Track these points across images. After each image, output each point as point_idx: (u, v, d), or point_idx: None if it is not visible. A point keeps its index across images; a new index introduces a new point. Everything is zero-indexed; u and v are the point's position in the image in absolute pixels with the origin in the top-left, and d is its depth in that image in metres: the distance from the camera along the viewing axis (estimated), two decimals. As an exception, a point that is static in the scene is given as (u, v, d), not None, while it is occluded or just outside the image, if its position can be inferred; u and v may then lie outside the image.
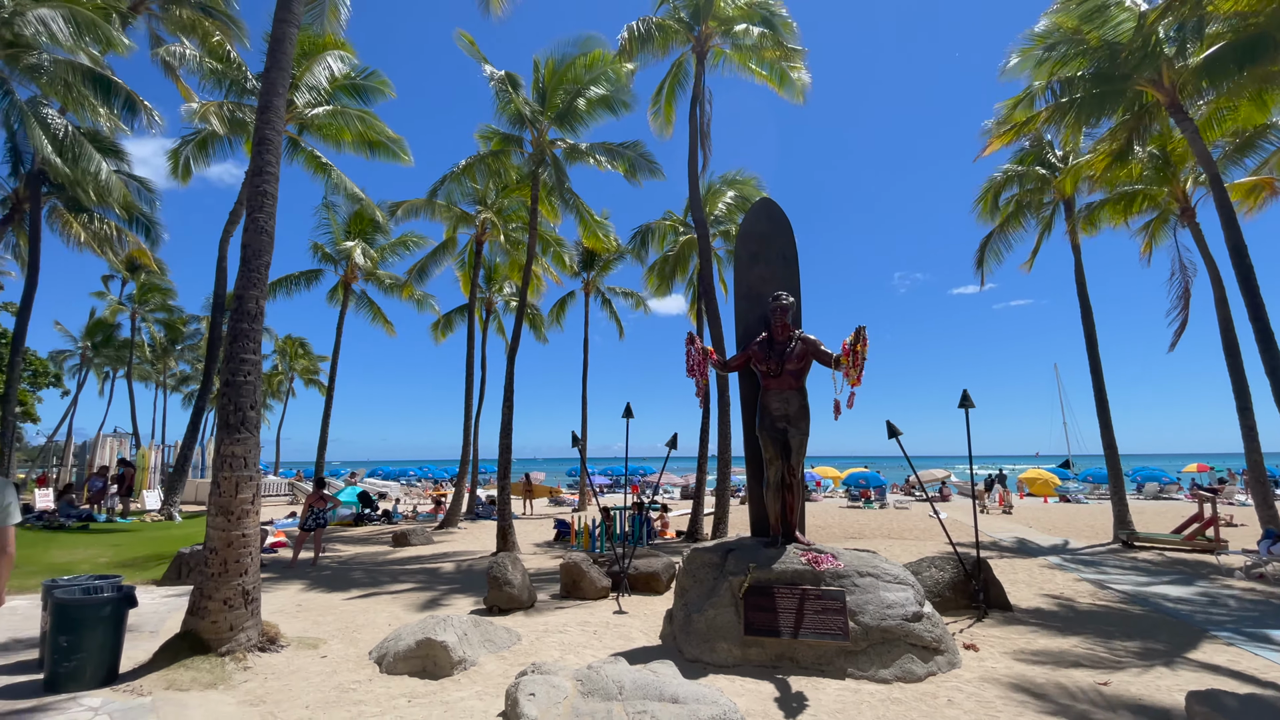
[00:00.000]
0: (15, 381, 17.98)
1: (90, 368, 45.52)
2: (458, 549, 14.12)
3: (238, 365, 5.63)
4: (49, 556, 10.49)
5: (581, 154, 16.14)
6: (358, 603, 8.37)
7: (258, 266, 5.86)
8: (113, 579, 5.56)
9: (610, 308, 28.12)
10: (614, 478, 45.87)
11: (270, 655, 5.62)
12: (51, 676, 4.68)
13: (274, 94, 6.23)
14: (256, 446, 5.71)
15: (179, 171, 18.33)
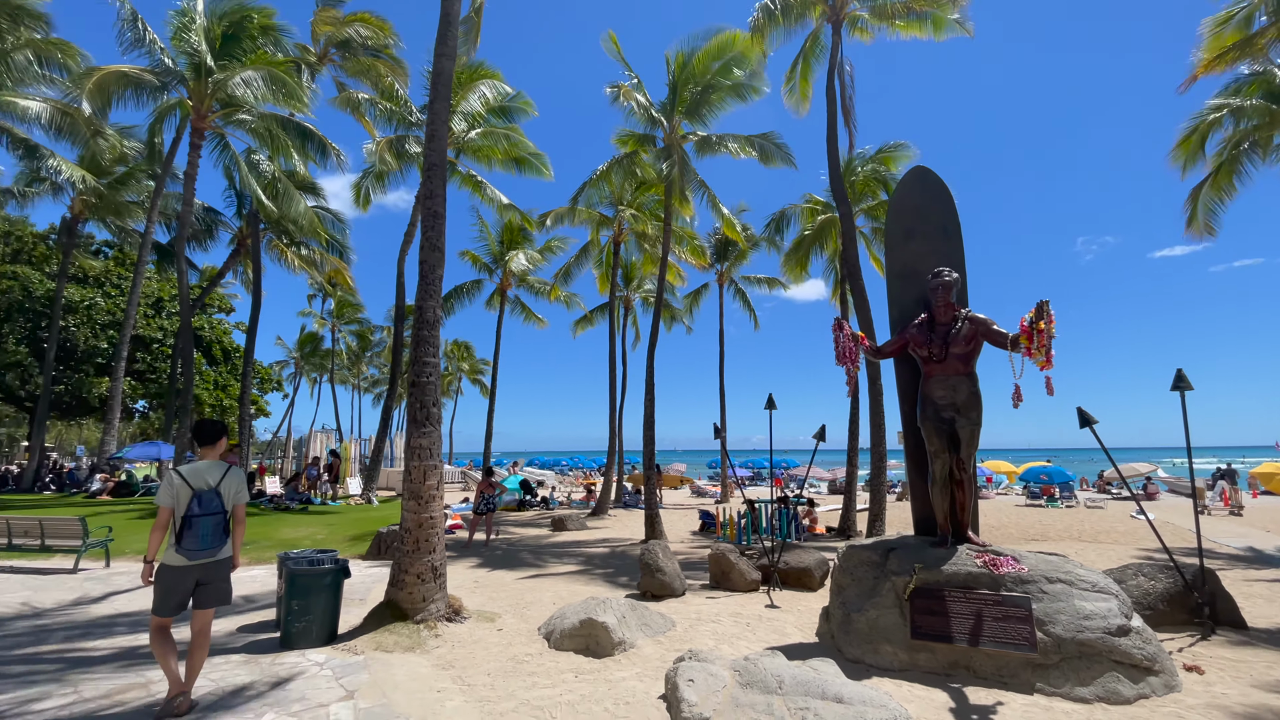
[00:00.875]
0: (248, 388, 21.83)
1: (302, 374, 53.99)
2: (609, 535, 14.76)
3: (421, 368, 6.36)
4: (279, 533, 12.60)
5: (713, 145, 16.03)
6: (526, 581, 9.08)
7: (433, 279, 6.56)
8: (330, 553, 6.55)
9: (744, 298, 27.71)
10: (755, 470, 45.18)
11: (456, 625, 6.29)
12: (286, 634, 5.62)
13: (438, 123, 6.92)
14: (439, 439, 6.41)
15: (361, 201, 21.03)
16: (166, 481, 4.22)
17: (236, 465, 4.55)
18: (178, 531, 4.11)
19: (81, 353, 25.87)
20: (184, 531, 4.09)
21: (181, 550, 4.09)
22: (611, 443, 20.85)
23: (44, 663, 5.19)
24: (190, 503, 4.14)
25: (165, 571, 4.13)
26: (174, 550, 4.12)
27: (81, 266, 27.12)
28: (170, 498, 4.14)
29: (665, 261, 16.00)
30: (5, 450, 40.20)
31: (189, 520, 4.10)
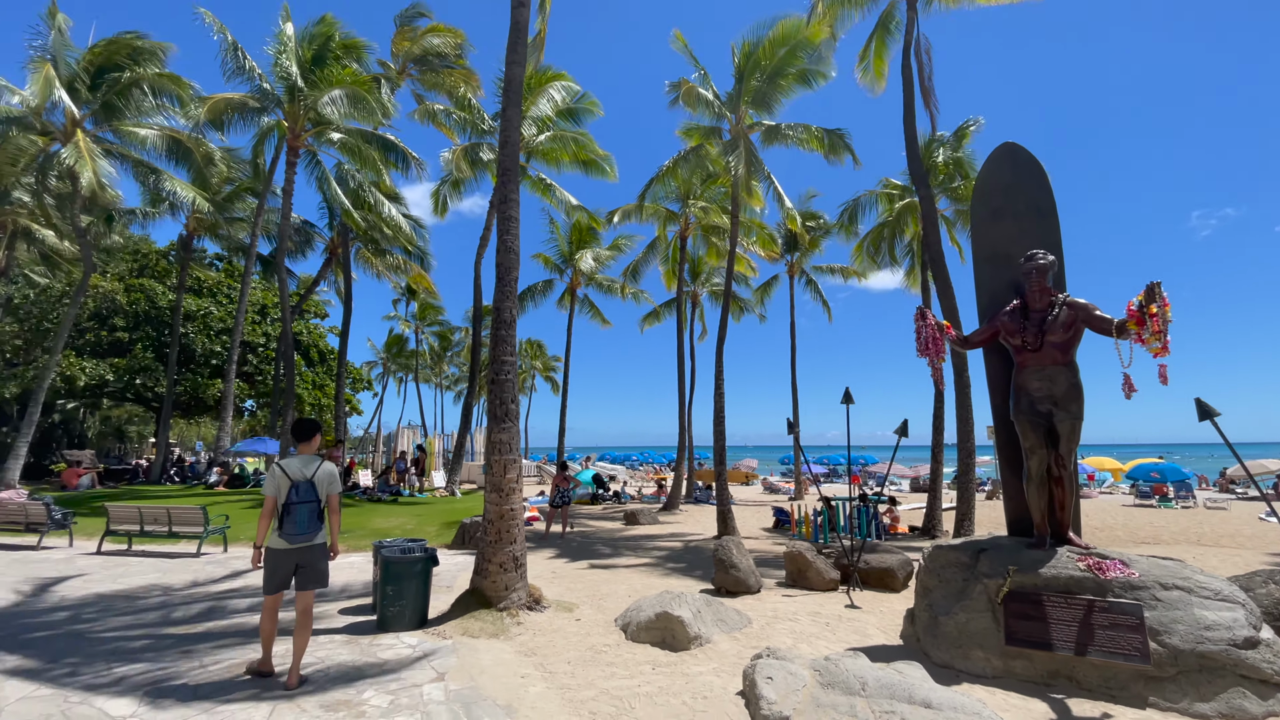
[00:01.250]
0: (342, 388, 23.35)
1: (389, 374, 57.16)
2: (681, 530, 14.80)
3: (499, 366, 6.61)
4: (372, 523, 13.42)
5: (781, 134, 15.69)
6: (601, 573, 9.26)
7: (509, 281, 6.79)
8: (419, 542, 6.92)
9: (816, 288, 26.96)
10: (831, 466, 43.95)
11: (536, 614, 6.50)
12: (382, 617, 5.98)
13: (511, 129, 7.14)
14: (518, 434, 6.64)
15: (439, 208, 21.97)
16: (270, 473, 4.69)
17: (337, 459, 4.93)
18: (280, 518, 4.59)
19: (199, 357, 28.52)
20: (284, 518, 4.57)
21: (283, 535, 4.58)
22: (681, 438, 20.86)
23: (173, 637, 5.79)
24: (289, 492, 4.60)
25: (270, 554, 4.63)
26: (277, 535, 4.61)
27: (197, 278, 29.88)
28: (274, 488, 4.63)
29: (733, 254, 15.82)
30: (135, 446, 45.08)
31: (289, 508, 4.57)
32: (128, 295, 28.35)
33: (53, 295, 28.79)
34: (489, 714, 4.10)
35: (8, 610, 6.75)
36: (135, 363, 27.38)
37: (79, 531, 11.62)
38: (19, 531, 11.32)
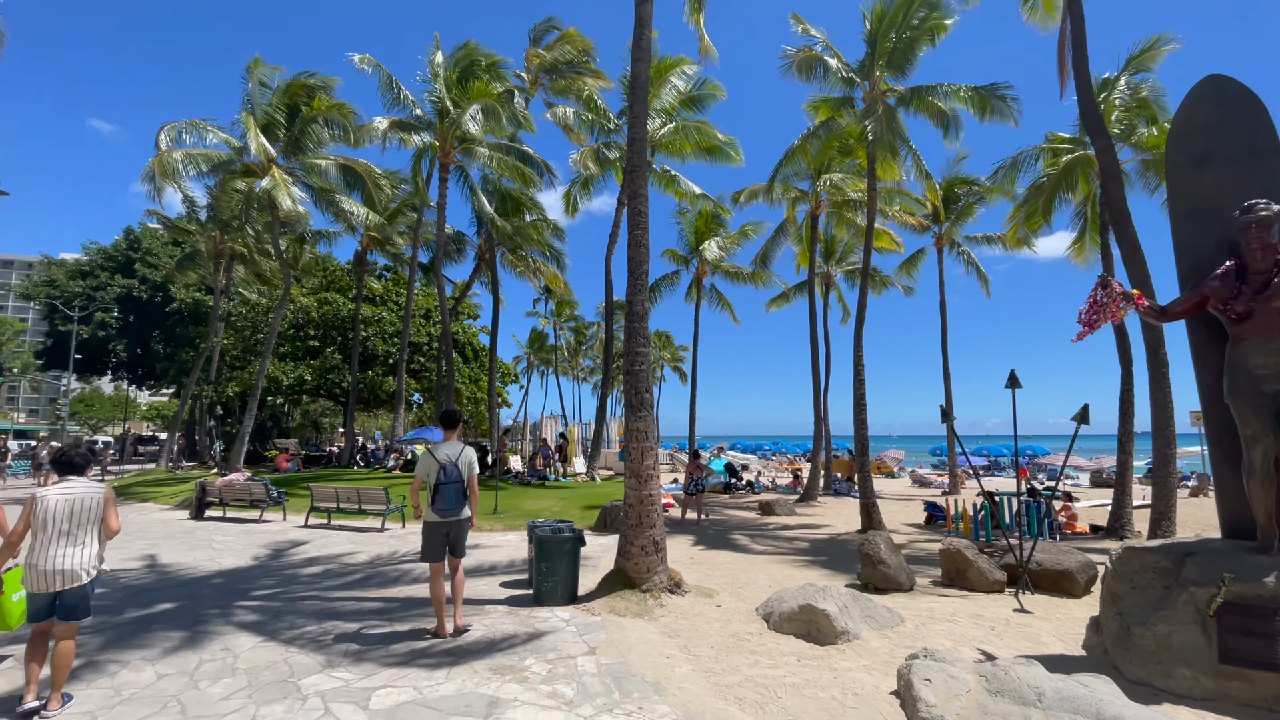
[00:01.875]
0: (494, 381, 25.35)
1: (533, 368, 61.10)
2: (819, 522, 14.31)
3: (634, 357, 6.82)
4: (523, 504, 14.47)
5: (921, 97, 14.45)
6: (738, 561, 9.25)
7: (640, 275, 6.98)
8: (567, 524, 7.36)
9: (969, 260, 24.50)
10: (992, 458, 39.99)
11: (677, 598, 6.66)
12: (537, 592, 6.45)
13: (638, 125, 7.30)
14: (654, 422, 6.83)
15: (570, 209, 22.96)
16: (423, 457, 5.40)
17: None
18: (432, 496, 5.24)
19: (375, 357, 32.46)
20: (435, 496, 5.24)
21: (435, 510, 5.25)
22: (817, 427, 20.12)
23: (368, 600, 6.68)
24: (438, 473, 5.24)
25: (427, 527, 5.33)
26: (431, 510, 5.27)
27: (371, 289, 33.94)
28: (425, 470, 5.31)
29: (871, 230, 14.88)
30: (328, 435, 52.56)
31: (439, 487, 5.23)
32: (318, 307, 32.96)
33: (260, 309, 34.25)
34: (638, 689, 4.29)
35: (242, 571, 8.19)
36: (325, 364, 31.82)
37: (289, 507, 13.77)
38: (245, 507, 13.68)
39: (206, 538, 10.83)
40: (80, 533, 3.96)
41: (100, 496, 4.09)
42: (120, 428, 70.94)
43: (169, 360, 39.63)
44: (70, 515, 3.93)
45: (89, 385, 70.34)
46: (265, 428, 41.33)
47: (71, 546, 3.91)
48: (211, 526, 12.28)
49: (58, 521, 3.89)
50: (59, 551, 3.87)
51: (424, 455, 5.39)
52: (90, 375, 45.50)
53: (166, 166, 18.15)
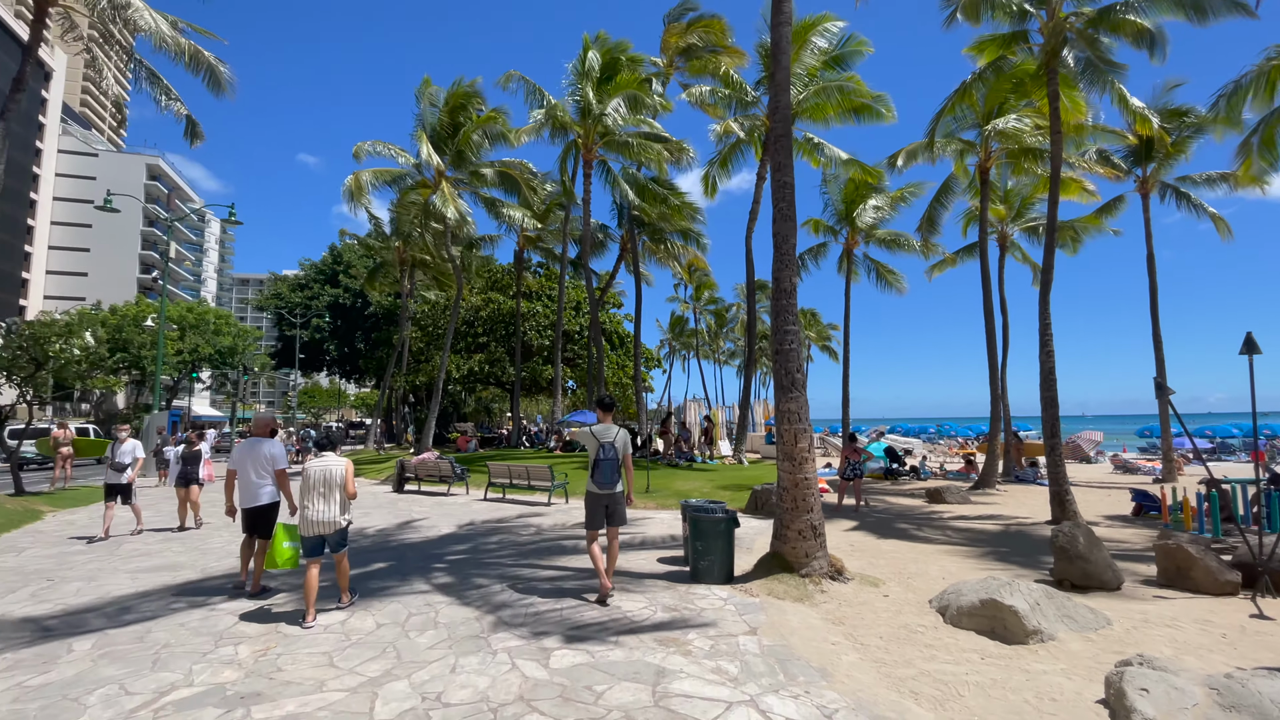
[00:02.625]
0: (639, 366, 26.11)
1: (674, 353, 62.02)
2: (998, 512, 12.94)
3: (783, 336, 6.64)
4: (673, 485, 14.78)
5: (1114, 16, 12.23)
6: (904, 550, 8.68)
7: (787, 249, 6.75)
8: (720, 505, 7.40)
9: (1188, 203, 20.41)
10: (1217, 440, 33.35)
11: (839, 585, 6.42)
12: (694, 569, 6.57)
13: (780, 92, 7.02)
14: (806, 403, 6.61)
15: (709, 190, 22.77)
16: (584, 436, 6.00)
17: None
18: (592, 471, 5.81)
19: (533, 349, 35.05)
20: (595, 471, 5.80)
21: (594, 483, 5.81)
22: (994, 406, 18.11)
23: (542, 568, 7.27)
24: (598, 451, 5.79)
25: (589, 498, 5.90)
26: (591, 482, 5.83)
27: (527, 285, 36.54)
28: (587, 447, 5.93)
29: (1056, 179, 12.99)
30: (497, 419, 58.06)
31: (598, 463, 5.79)
32: (484, 305, 36.24)
33: (439, 308, 38.37)
34: (803, 673, 4.22)
35: (435, 539, 9.30)
36: (491, 356, 34.98)
37: (470, 482, 15.37)
38: (435, 482, 15.50)
39: (406, 508, 12.47)
40: (332, 493, 5.38)
41: (343, 468, 5.47)
42: (335, 415, 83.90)
43: (369, 357, 46.03)
44: (325, 481, 5.37)
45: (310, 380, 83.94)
46: (446, 413, 46.51)
47: (326, 503, 5.36)
48: (409, 498, 14.11)
49: (316, 485, 5.36)
50: (320, 507, 5.34)
51: (585, 434, 5.97)
52: (311, 371, 54.26)
53: (360, 183, 20.99)
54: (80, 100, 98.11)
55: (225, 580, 6.72)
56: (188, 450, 9.82)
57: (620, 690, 3.89)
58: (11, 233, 59.30)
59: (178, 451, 10.64)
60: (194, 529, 9.89)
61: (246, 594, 6.09)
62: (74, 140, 69.82)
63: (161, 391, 52.97)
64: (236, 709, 3.68)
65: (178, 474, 9.74)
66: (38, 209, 63.44)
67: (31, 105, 61.42)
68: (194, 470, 9.76)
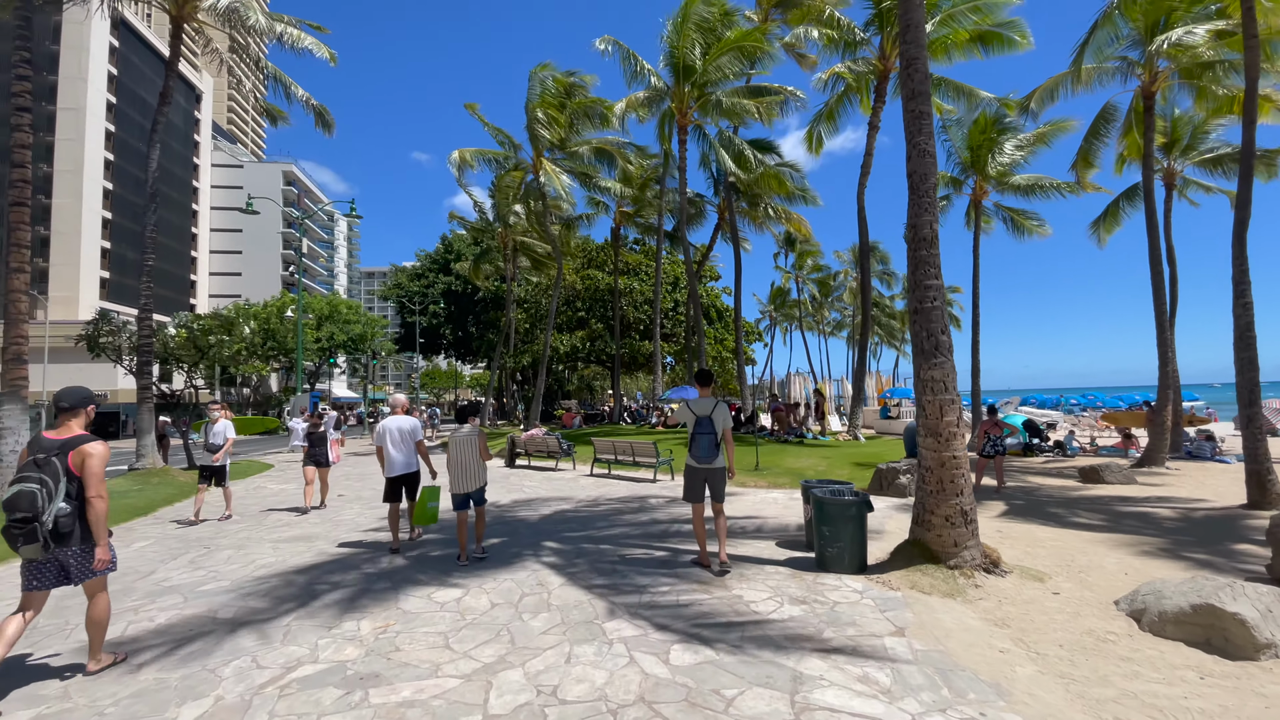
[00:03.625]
0: (740, 338, 25.24)
1: (775, 325, 59.95)
2: (1171, 494, 11.08)
3: (923, 292, 5.74)
4: (784, 462, 13.99)
5: None
6: (1065, 539, 7.50)
7: (925, 190, 5.80)
8: (847, 486, 6.68)
9: None
10: None
11: (995, 578, 5.55)
12: (821, 557, 5.93)
13: (911, 8, 5.99)
14: (953, 370, 5.71)
15: (813, 146, 21.24)
16: (681, 410, 6.01)
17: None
18: (690, 445, 5.78)
19: (631, 324, 35.08)
20: (693, 444, 5.77)
21: (692, 457, 5.81)
22: (1162, 371, 15.57)
23: (655, 549, 6.93)
24: (694, 425, 5.76)
25: (687, 470, 5.96)
26: (689, 456, 5.85)
27: (625, 262, 36.48)
28: (685, 421, 5.91)
29: (1253, 94, 10.65)
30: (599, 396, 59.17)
31: (695, 437, 5.75)
32: (583, 284, 36.65)
33: (541, 289, 39.31)
34: (973, 688, 3.53)
35: (547, 516, 9.27)
36: (592, 333, 35.41)
37: (577, 458, 15.46)
38: (543, 457, 15.75)
39: (518, 483, 12.70)
40: (471, 456, 6.45)
41: (477, 434, 6.54)
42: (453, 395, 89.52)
43: (480, 339, 48.34)
44: (467, 446, 6.45)
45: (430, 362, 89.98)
46: (552, 391, 48.00)
47: (467, 464, 6.44)
48: (520, 474, 14.42)
49: (460, 450, 6.43)
50: (462, 468, 6.41)
51: (682, 408, 5.93)
52: (430, 354, 57.95)
53: (464, 158, 21.65)
54: (227, 119, 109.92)
55: (357, 552, 6.97)
56: (312, 431, 10.02)
57: (753, 698, 3.41)
58: (181, 241, 67.85)
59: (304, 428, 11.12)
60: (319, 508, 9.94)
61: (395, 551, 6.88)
62: (223, 155, 78.36)
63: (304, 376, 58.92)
64: (355, 691, 3.60)
65: (305, 455, 10.00)
66: (199, 218, 72.02)
67: (187, 125, 69.46)
68: (321, 451, 9.95)
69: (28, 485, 3.49)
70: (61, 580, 3.70)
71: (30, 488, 3.48)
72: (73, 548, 3.65)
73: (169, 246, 65.27)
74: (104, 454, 3.74)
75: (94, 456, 3.68)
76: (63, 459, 3.62)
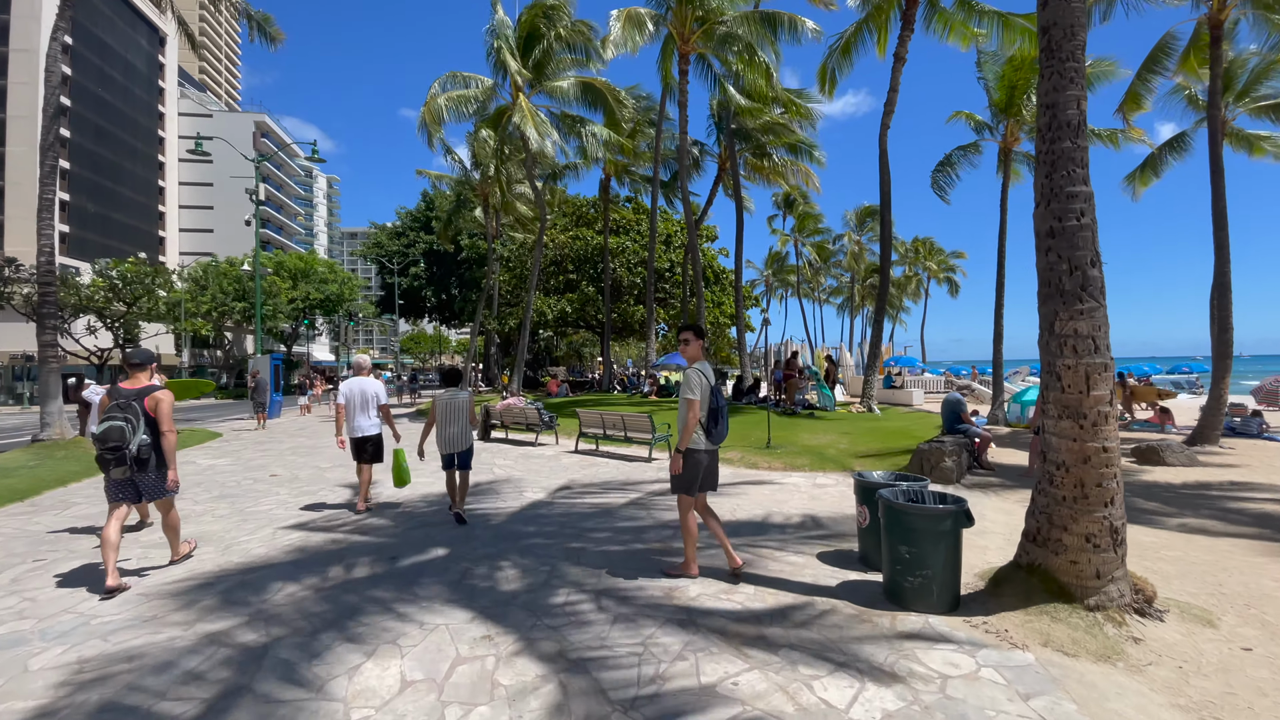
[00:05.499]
0: (740, 299, 23.34)
1: (770, 291, 58.00)
2: (1256, 478, 9.47)
3: (1064, 204, 3.85)
4: (799, 438, 12.19)
5: None
6: (1178, 544, 5.80)
7: (1071, 51, 3.86)
8: (922, 481, 4.90)
9: None
10: None
11: (1153, 624, 3.81)
12: (893, 587, 4.17)
13: None
14: (1105, 321, 3.85)
15: (826, 87, 18.97)
16: (694, 376, 4.53)
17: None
18: (707, 423, 4.52)
19: (623, 287, 32.96)
20: (713, 422, 4.53)
21: (712, 439, 4.59)
22: (1220, 341, 13.88)
23: (668, 556, 5.14)
24: (712, 396, 4.54)
25: (692, 457, 4.60)
26: (704, 438, 4.58)
27: (615, 219, 34.13)
28: (702, 391, 4.51)
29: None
30: (588, 363, 57.25)
31: (716, 411, 4.52)
32: (569, 243, 34.32)
33: (525, 249, 36.96)
34: None
35: (522, 509, 7.45)
36: (582, 297, 33.28)
37: (560, 431, 13.65)
38: (522, 430, 13.94)
39: (489, 461, 10.88)
40: (459, 418, 6.51)
41: (467, 398, 6.58)
42: (437, 360, 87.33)
43: (465, 301, 46.01)
44: (454, 410, 6.51)
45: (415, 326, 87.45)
46: (540, 357, 46.03)
47: (454, 426, 6.49)
48: (494, 449, 12.61)
49: (445, 411, 6.49)
50: (451, 428, 6.47)
51: (695, 374, 4.52)
52: (413, 317, 55.54)
53: (434, 110, 19.11)
54: (199, 69, 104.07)
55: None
56: None
57: None
58: (147, 194, 64.16)
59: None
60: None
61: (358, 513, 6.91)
62: (191, 103, 73.88)
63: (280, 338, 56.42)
64: None
65: None
66: (166, 170, 68.12)
67: (151, 70, 65.03)
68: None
69: (115, 422, 4.45)
70: (136, 498, 4.67)
71: (118, 424, 4.45)
72: (149, 473, 4.63)
73: (134, 200, 61.72)
74: (172, 398, 4.78)
75: (164, 400, 4.69)
76: (139, 403, 4.59)
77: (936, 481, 8.57)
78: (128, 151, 60.48)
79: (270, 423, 20.03)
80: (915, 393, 23.66)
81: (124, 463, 4.46)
